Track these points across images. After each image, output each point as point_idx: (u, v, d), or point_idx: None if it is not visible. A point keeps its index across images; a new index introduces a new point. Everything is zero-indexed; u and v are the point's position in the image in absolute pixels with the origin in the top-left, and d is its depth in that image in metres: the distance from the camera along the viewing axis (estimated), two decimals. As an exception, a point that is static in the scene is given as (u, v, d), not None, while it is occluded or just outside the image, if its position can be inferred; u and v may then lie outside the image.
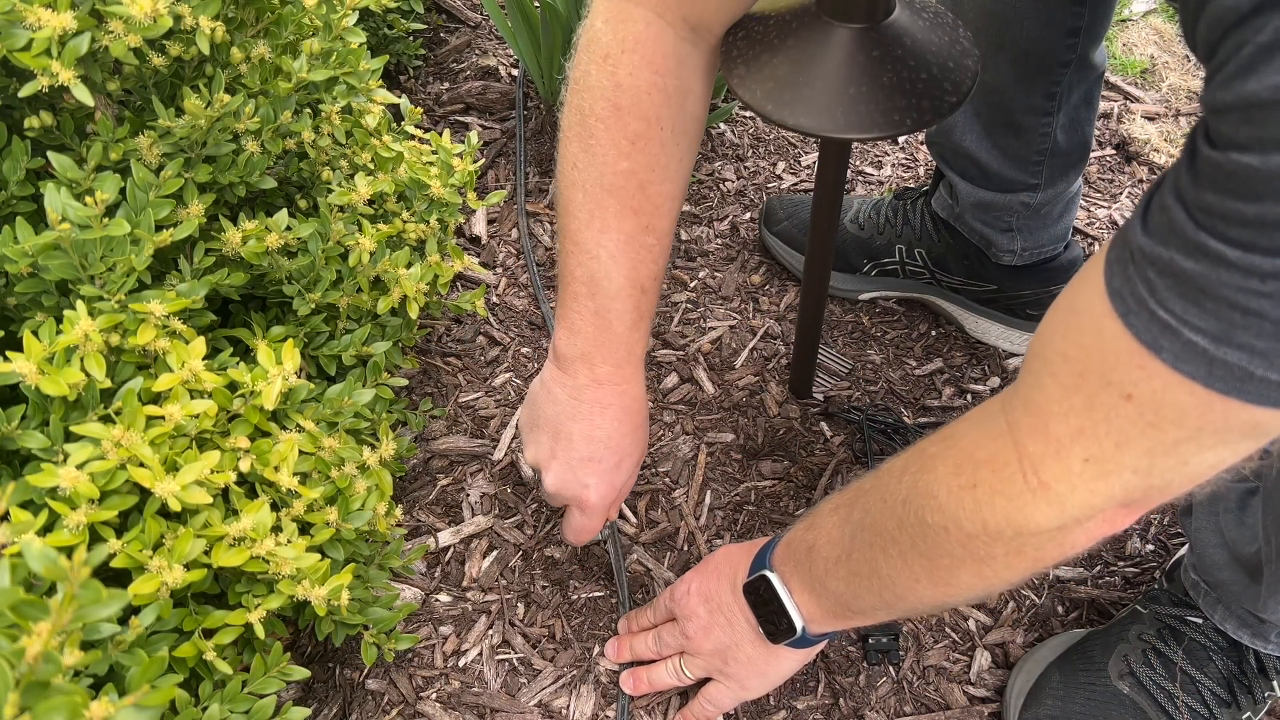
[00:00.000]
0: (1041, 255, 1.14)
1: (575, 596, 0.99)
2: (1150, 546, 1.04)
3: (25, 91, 0.66)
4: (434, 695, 0.92)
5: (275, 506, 0.74)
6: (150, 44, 0.75)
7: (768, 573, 0.78)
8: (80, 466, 0.61)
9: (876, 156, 1.48)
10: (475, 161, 1.01)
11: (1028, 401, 0.54)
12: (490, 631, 0.97)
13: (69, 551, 0.58)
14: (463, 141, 1.01)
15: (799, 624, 0.76)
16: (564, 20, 1.25)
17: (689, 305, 1.25)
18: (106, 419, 0.66)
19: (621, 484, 0.84)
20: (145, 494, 0.65)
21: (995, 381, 1.18)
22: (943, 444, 0.61)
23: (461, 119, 1.48)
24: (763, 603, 0.78)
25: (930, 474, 0.60)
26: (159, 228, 0.74)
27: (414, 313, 0.91)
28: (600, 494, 0.82)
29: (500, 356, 1.19)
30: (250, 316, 0.91)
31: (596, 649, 0.96)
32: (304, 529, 0.75)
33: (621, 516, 1.05)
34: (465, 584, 1.00)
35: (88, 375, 0.65)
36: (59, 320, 0.66)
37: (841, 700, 0.92)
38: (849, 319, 1.25)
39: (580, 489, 0.82)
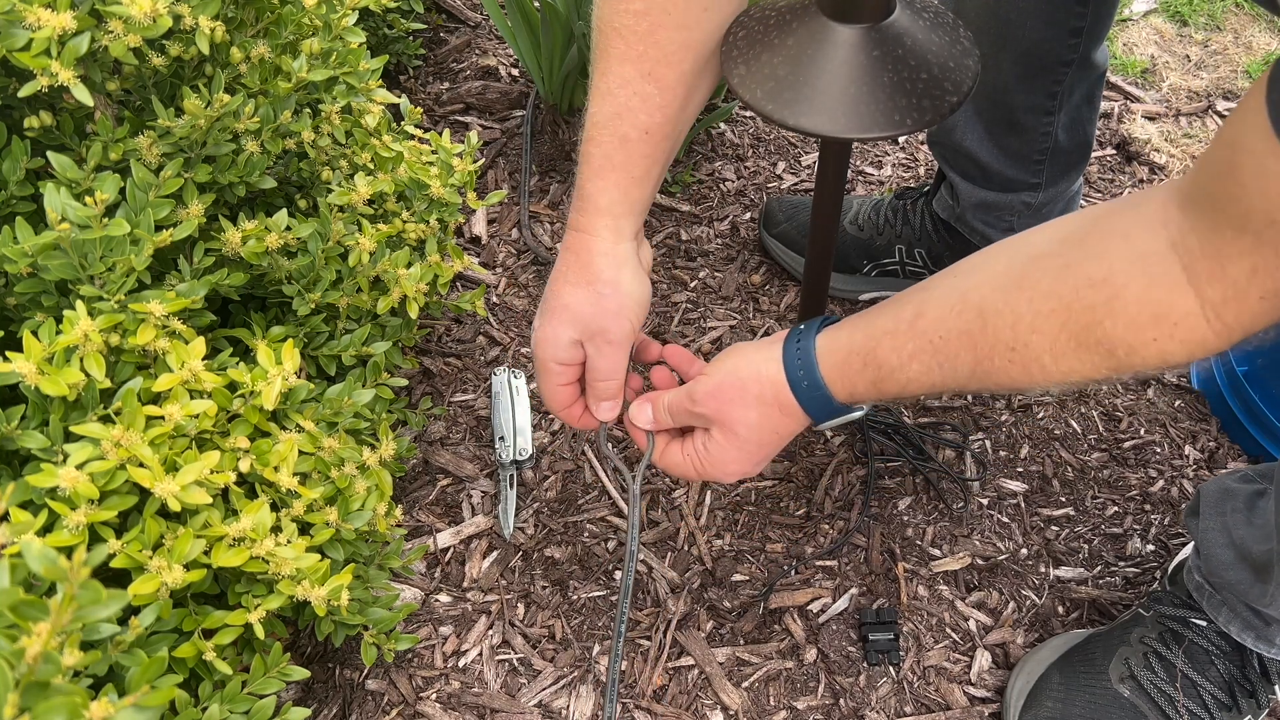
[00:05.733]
0: (1042, 255, 1.14)
1: (575, 596, 0.99)
2: (1151, 547, 1.04)
3: (25, 91, 0.66)
4: (434, 695, 0.92)
5: (275, 507, 0.73)
6: (150, 44, 0.75)
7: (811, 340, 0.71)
8: (80, 467, 0.61)
9: (877, 156, 1.48)
10: (475, 161, 1.01)
11: (1204, 245, 0.52)
12: (490, 632, 0.97)
13: (69, 552, 0.58)
14: (463, 141, 1.01)
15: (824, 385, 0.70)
16: (564, 20, 1.25)
17: (689, 305, 1.25)
18: (106, 419, 0.66)
19: (554, 336, 0.76)
20: (145, 494, 0.65)
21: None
22: (1097, 291, 0.57)
23: (461, 119, 1.48)
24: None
25: (1099, 328, 0.57)
26: (159, 228, 0.74)
27: (414, 313, 0.91)
28: (535, 341, 0.77)
29: (500, 356, 1.19)
30: (250, 316, 0.91)
31: (596, 648, 0.96)
32: (304, 529, 0.75)
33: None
34: (465, 584, 1.00)
35: (87, 375, 0.65)
36: (59, 320, 0.66)
37: (841, 700, 0.92)
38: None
39: (532, 336, 0.79)
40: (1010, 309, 0.60)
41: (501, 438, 1.07)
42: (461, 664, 0.95)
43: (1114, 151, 1.49)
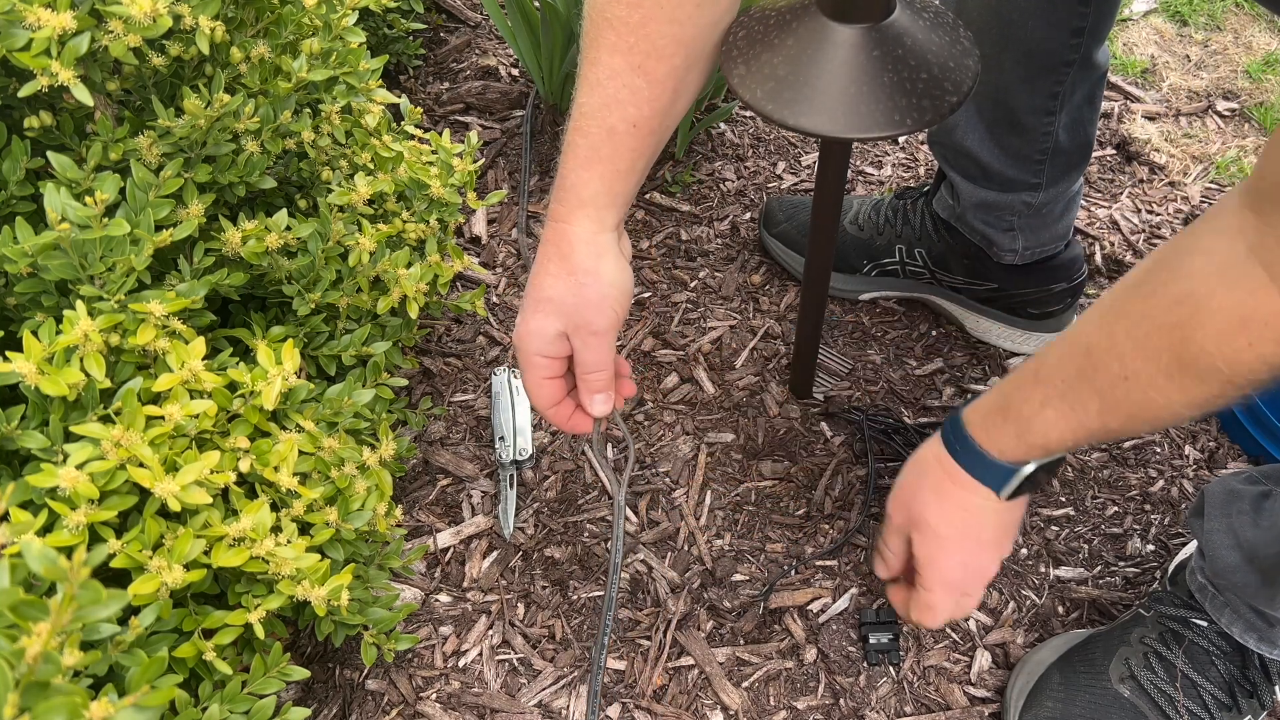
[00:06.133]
0: (1043, 254, 1.14)
1: (575, 596, 0.99)
2: (1151, 547, 1.04)
3: (25, 91, 0.66)
4: (434, 695, 0.92)
5: (275, 507, 0.73)
6: (150, 44, 0.75)
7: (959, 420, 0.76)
8: (80, 467, 0.61)
9: (877, 156, 1.48)
10: (475, 161, 1.01)
11: None
12: (490, 632, 0.97)
13: (69, 552, 0.58)
14: (463, 141, 1.01)
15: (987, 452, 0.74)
16: (564, 20, 1.25)
17: (689, 305, 1.25)
18: (106, 419, 0.66)
19: (539, 329, 0.75)
20: (145, 494, 0.65)
21: (995, 381, 1.18)
22: (1182, 308, 0.58)
23: (461, 119, 1.48)
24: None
25: (1193, 344, 0.57)
26: (159, 228, 0.74)
27: (414, 313, 0.91)
28: (517, 335, 0.77)
29: (500, 356, 1.19)
30: (250, 316, 0.91)
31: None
32: (304, 529, 0.75)
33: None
34: (465, 584, 1.00)
35: (87, 375, 0.65)
36: (59, 320, 0.66)
37: (841, 700, 0.92)
38: (849, 319, 1.25)
39: (515, 331, 0.78)
40: (1110, 340, 0.63)
41: (501, 438, 1.07)
42: (461, 664, 0.95)
43: (1114, 151, 1.49)
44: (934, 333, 1.24)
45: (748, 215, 1.36)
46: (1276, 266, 0.53)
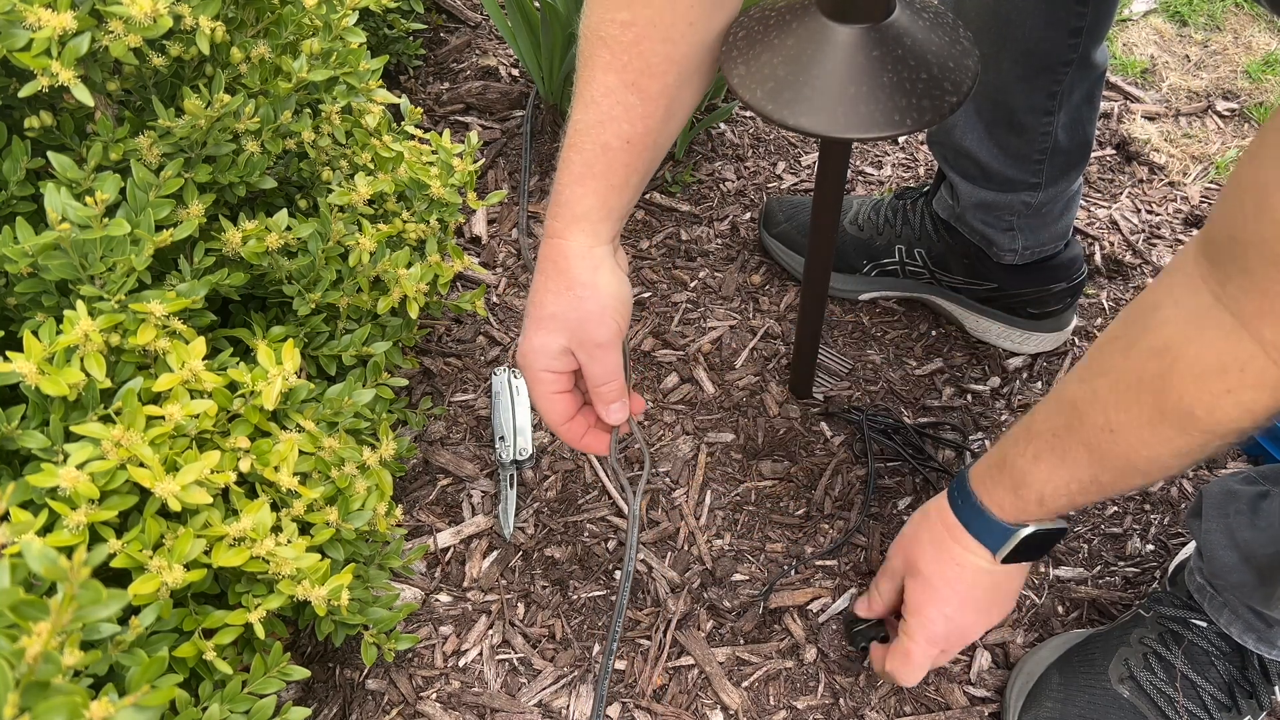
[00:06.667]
0: (1042, 254, 1.14)
1: (575, 596, 0.99)
2: (1150, 547, 1.04)
3: (25, 91, 0.66)
4: (434, 695, 0.92)
5: (275, 506, 0.74)
6: (150, 44, 0.75)
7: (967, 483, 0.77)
8: (80, 466, 0.61)
9: (876, 156, 1.48)
10: (475, 161, 1.01)
11: (1246, 290, 0.54)
12: (490, 631, 0.97)
13: (69, 551, 0.58)
14: (463, 141, 1.01)
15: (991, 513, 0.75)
16: (564, 20, 1.25)
17: (689, 305, 1.25)
18: (106, 419, 0.66)
19: (542, 346, 0.75)
20: (145, 494, 0.65)
21: (995, 381, 1.18)
22: (1160, 359, 0.59)
23: (461, 119, 1.48)
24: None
25: (1172, 394, 0.59)
26: (159, 228, 0.74)
27: (414, 313, 0.91)
28: (522, 354, 0.76)
29: (500, 356, 1.19)
30: (250, 316, 0.91)
31: (596, 648, 0.96)
32: (304, 529, 0.75)
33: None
34: (465, 584, 1.00)
35: (88, 375, 0.65)
36: (59, 320, 0.66)
37: (841, 700, 0.92)
38: (849, 319, 1.25)
39: (519, 350, 0.78)
40: (1094, 394, 0.64)
41: (501, 438, 1.07)
42: (461, 664, 0.95)
43: (1114, 151, 1.49)
44: (934, 333, 1.24)
45: (748, 215, 1.36)
46: (1244, 313, 0.54)
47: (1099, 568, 1.02)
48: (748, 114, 1.50)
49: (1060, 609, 0.99)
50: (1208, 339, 0.56)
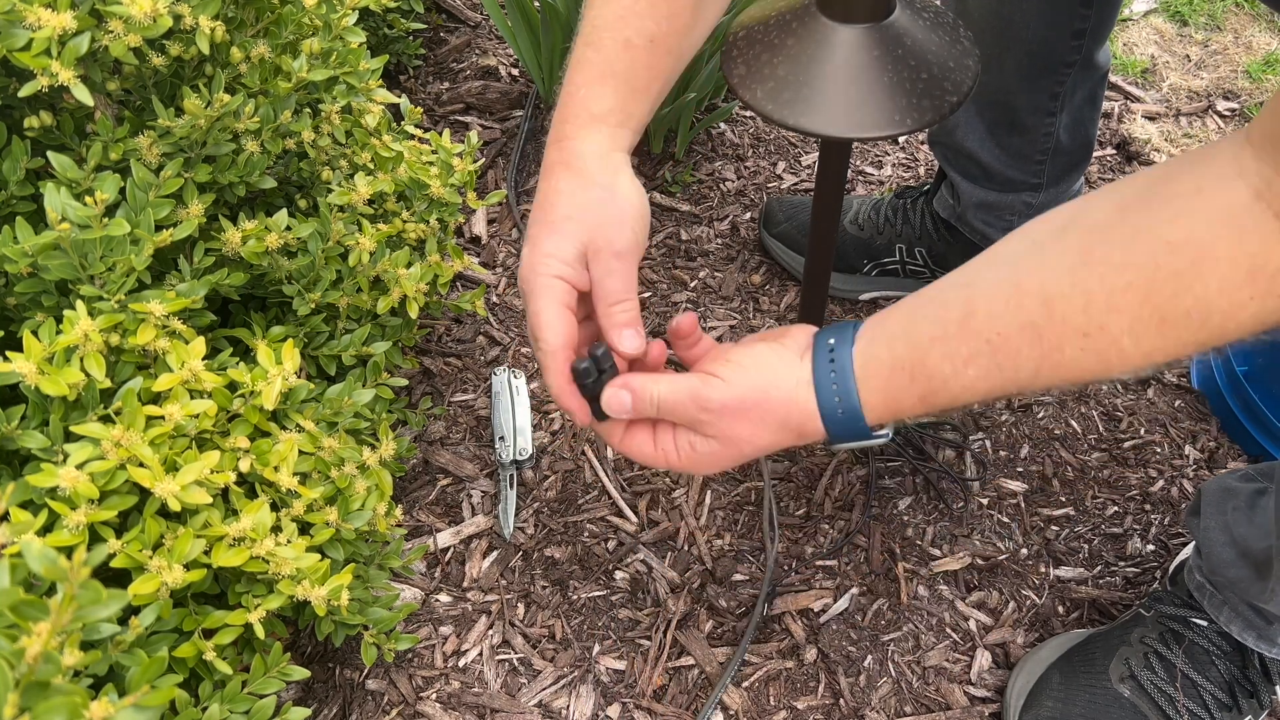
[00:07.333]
0: (1042, 254, 1.14)
1: (575, 596, 0.99)
2: (1151, 547, 1.04)
3: (25, 91, 0.66)
4: (434, 695, 0.92)
5: (275, 506, 0.73)
6: (150, 44, 0.75)
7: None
8: (80, 466, 0.61)
9: (877, 156, 1.48)
10: (475, 161, 1.01)
11: None
12: (490, 632, 0.97)
13: (69, 552, 0.58)
14: (463, 141, 1.01)
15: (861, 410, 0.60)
16: (564, 20, 1.25)
17: (689, 305, 1.25)
18: (106, 419, 0.66)
19: (556, 250, 0.66)
20: (145, 494, 0.65)
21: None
22: (1178, 256, 0.51)
23: (461, 119, 1.48)
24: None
25: (1188, 295, 0.51)
26: (159, 227, 0.74)
27: (414, 313, 0.91)
28: (529, 263, 0.68)
29: (500, 356, 1.19)
30: (250, 316, 0.91)
31: (596, 648, 0.96)
32: (304, 529, 0.75)
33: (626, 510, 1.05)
34: (465, 584, 1.00)
35: (87, 375, 0.65)
36: (59, 320, 0.66)
37: (841, 700, 0.92)
38: (849, 319, 1.25)
39: (522, 261, 0.70)
40: (1080, 290, 0.53)
41: (501, 438, 1.07)
42: (461, 664, 0.95)
43: (1114, 151, 1.49)
44: (934, 333, 1.24)
45: (748, 215, 1.36)
46: None
47: (1099, 568, 1.02)
48: (748, 114, 1.50)
49: (1060, 609, 0.99)
50: (1241, 239, 0.49)
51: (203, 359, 0.69)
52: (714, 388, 0.63)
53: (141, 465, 0.63)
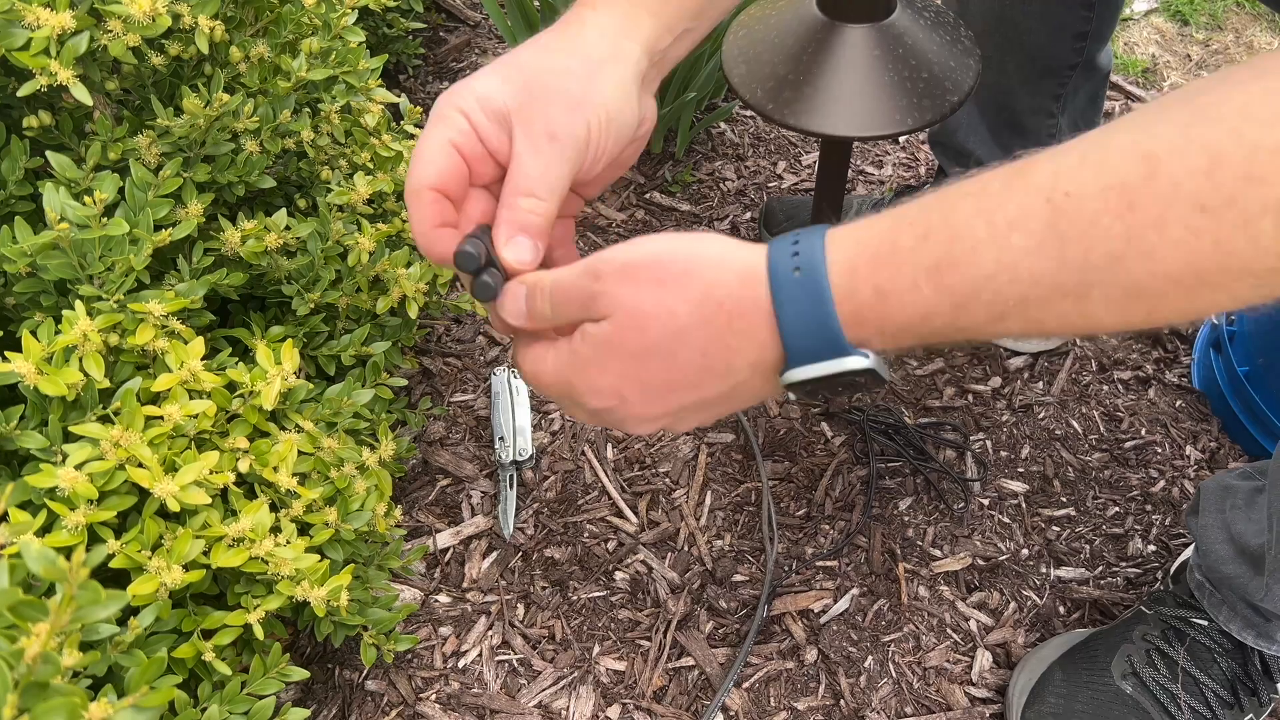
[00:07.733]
0: (1043, 254, 1.14)
1: (575, 597, 0.99)
2: (1152, 547, 1.04)
3: (24, 91, 0.66)
4: (433, 696, 0.92)
5: (274, 507, 0.73)
6: (149, 43, 0.75)
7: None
8: (79, 467, 0.61)
9: (877, 156, 1.48)
10: (475, 161, 1.00)
11: None
12: (490, 632, 0.97)
13: (68, 552, 0.58)
14: (463, 141, 1.01)
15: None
16: (564, 20, 1.25)
17: (689, 305, 1.25)
18: (105, 419, 0.66)
19: (480, 86, 0.54)
20: (144, 494, 0.64)
21: (996, 381, 1.18)
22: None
23: (461, 119, 1.48)
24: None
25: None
26: (158, 227, 0.74)
27: (413, 312, 0.91)
28: (451, 87, 0.56)
29: (500, 356, 1.19)
30: (249, 316, 0.91)
31: (596, 649, 0.95)
32: (303, 529, 0.75)
33: (625, 513, 1.05)
34: (465, 585, 1.00)
35: (86, 375, 0.65)
36: (58, 320, 0.66)
37: (842, 701, 0.92)
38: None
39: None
40: (1198, 147, 0.37)
41: (501, 438, 1.06)
42: (461, 664, 0.94)
43: (1114, 151, 1.48)
44: (934, 333, 1.23)
45: (748, 215, 1.36)
46: None
47: (1100, 568, 1.02)
48: (748, 114, 1.50)
49: (1061, 609, 0.99)
50: None
51: (202, 359, 0.69)
52: (614, 250, 0.47)
53: (140, 465, 0.63)
